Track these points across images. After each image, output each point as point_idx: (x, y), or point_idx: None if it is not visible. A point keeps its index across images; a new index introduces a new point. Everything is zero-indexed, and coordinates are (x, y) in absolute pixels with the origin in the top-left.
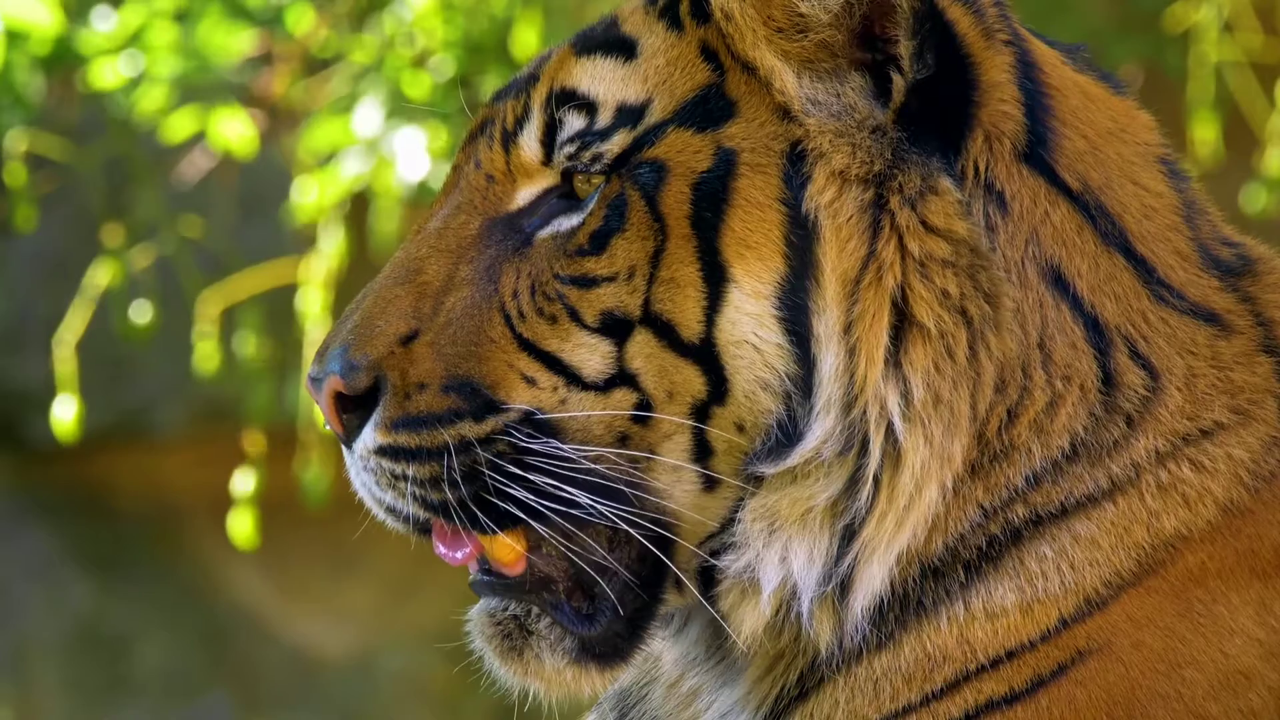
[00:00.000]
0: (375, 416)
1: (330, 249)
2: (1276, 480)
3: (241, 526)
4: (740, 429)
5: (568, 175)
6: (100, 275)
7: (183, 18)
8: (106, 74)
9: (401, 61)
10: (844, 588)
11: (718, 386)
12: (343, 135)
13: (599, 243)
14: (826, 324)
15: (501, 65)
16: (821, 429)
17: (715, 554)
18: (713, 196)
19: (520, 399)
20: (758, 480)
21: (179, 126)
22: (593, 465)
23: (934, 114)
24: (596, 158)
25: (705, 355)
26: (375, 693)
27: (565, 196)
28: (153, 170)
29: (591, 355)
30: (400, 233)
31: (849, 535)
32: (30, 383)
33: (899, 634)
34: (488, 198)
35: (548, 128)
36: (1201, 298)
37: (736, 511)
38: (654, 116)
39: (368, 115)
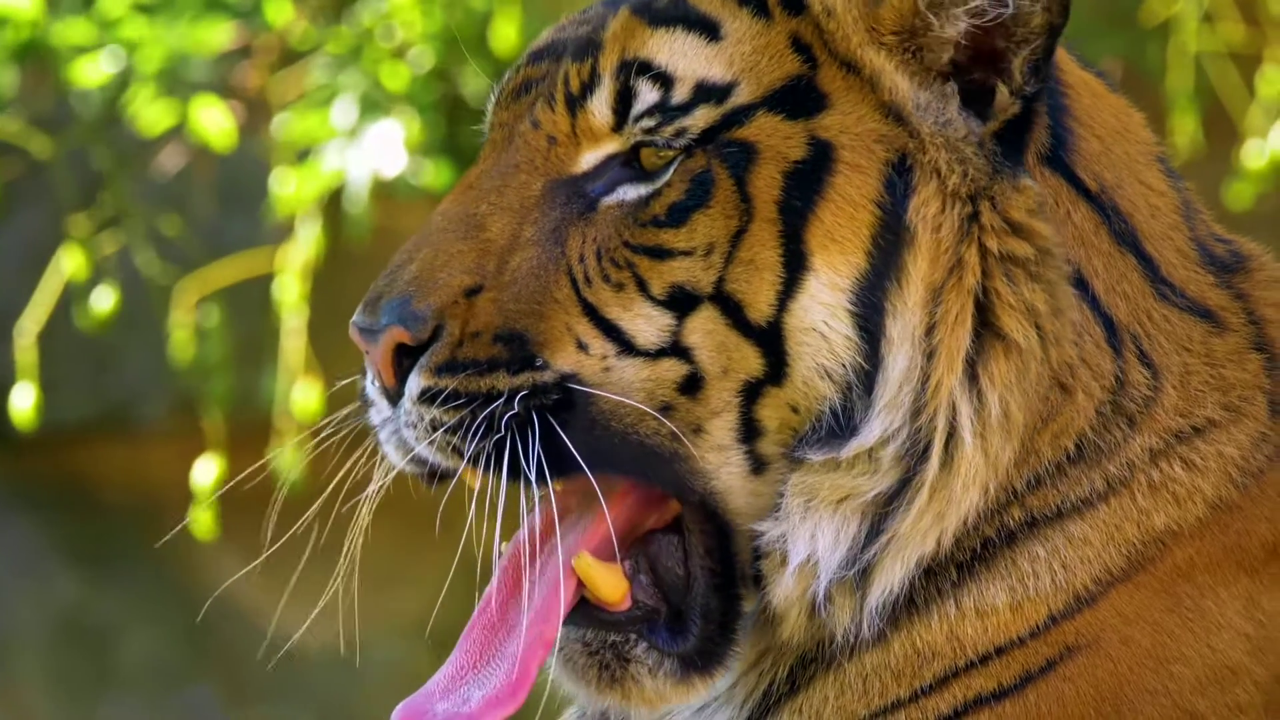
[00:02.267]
0: (422, 361)
1: (308, 240)
2: (1265, 476)
3: (201, 519)
4: (794, 410)
5: (637, 146)
6: (65, 264)
7: (160, 11)
8: (89, 71)
9: (380, 54)
10: (864, 575)
11: (776, 369)
12: (321, 128)
13: (678, 216)
14: (902, 326)
15: (480, 58)
16: (880, 427)
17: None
18: (805, 186)
19: (565, 363)
20: (801, 463)
21: (157, 119)
22: (631, 429)
23: (1011, 123)
24: (680, 132)
25: (769, 338)
26: (360, 684)
27: (629, 165)
28: (132, 162)
29: (649, 326)
30: (374, 223)
31: (879, 527)
32: (10, 374)
33: (889, 632)
34: (549, 159)
35: (620, 96)
36: (1198, 294)
37: (782, 496)
38: (741, 99)
39: (346, 109)
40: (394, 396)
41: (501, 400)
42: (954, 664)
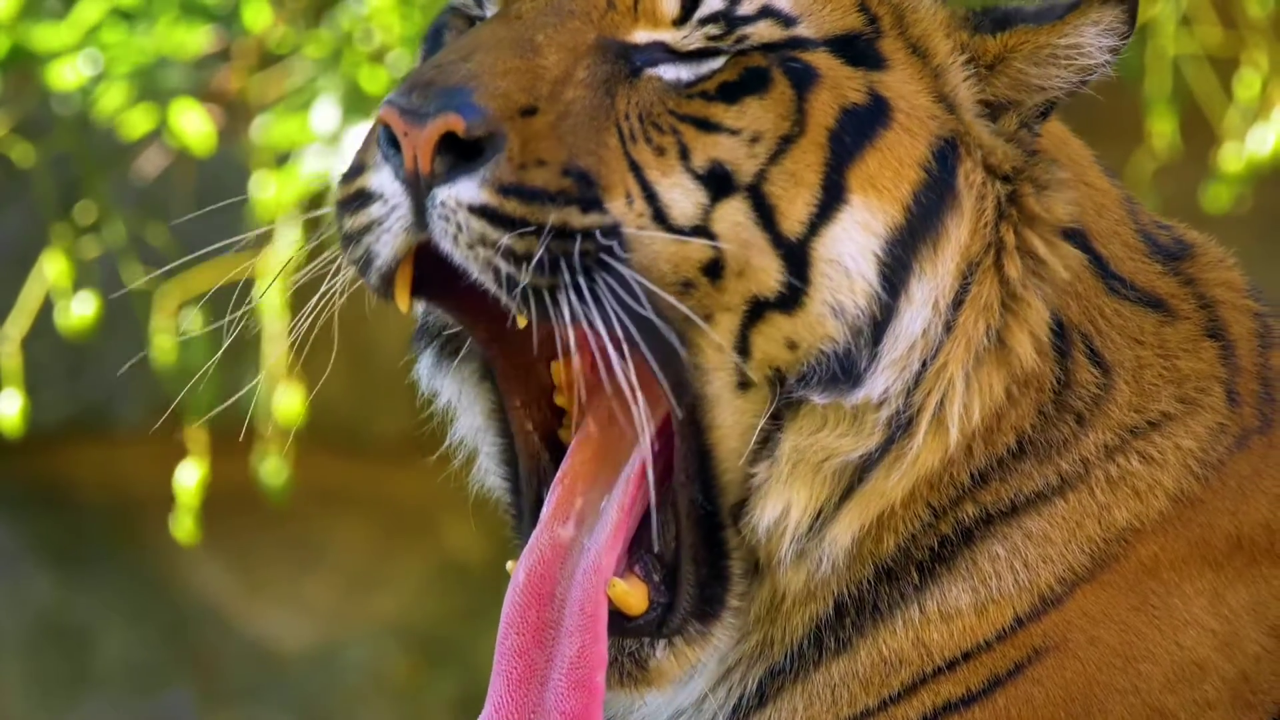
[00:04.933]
0: (483, 173)
1: (287, 245)
2: (1225, 468)
3: (184, 523)
4: (791, 346)
5: (698, 52)
6: (49, 269)
7: (138, 16)
8: (66, 75)
9: (359, 57)
10: (821, 537)
11: (793, 293)
12: (300, 132)
13: (730, 94)
14: (928, 290)
15: None
16: (883, 383)
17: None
18: (858, 128)
19: (617, 211)
20: (792, 406)
21: (136, 123)
22: (655, 297)
23: None
24: (740, 39)
25: (795, 257)
26: (336, 685)
27: (676, 53)
28: (111, 166)
29: (685, 199)
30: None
31: (850, 490)
32: None
33: (855, 640)
34: (605, 19)
35: None
36: (1148, 284)
37: (763, 447)
38: (803, 32)
39: (325, 112)
40: (425, 186)
41: (572, 239)
42: (921, 671)
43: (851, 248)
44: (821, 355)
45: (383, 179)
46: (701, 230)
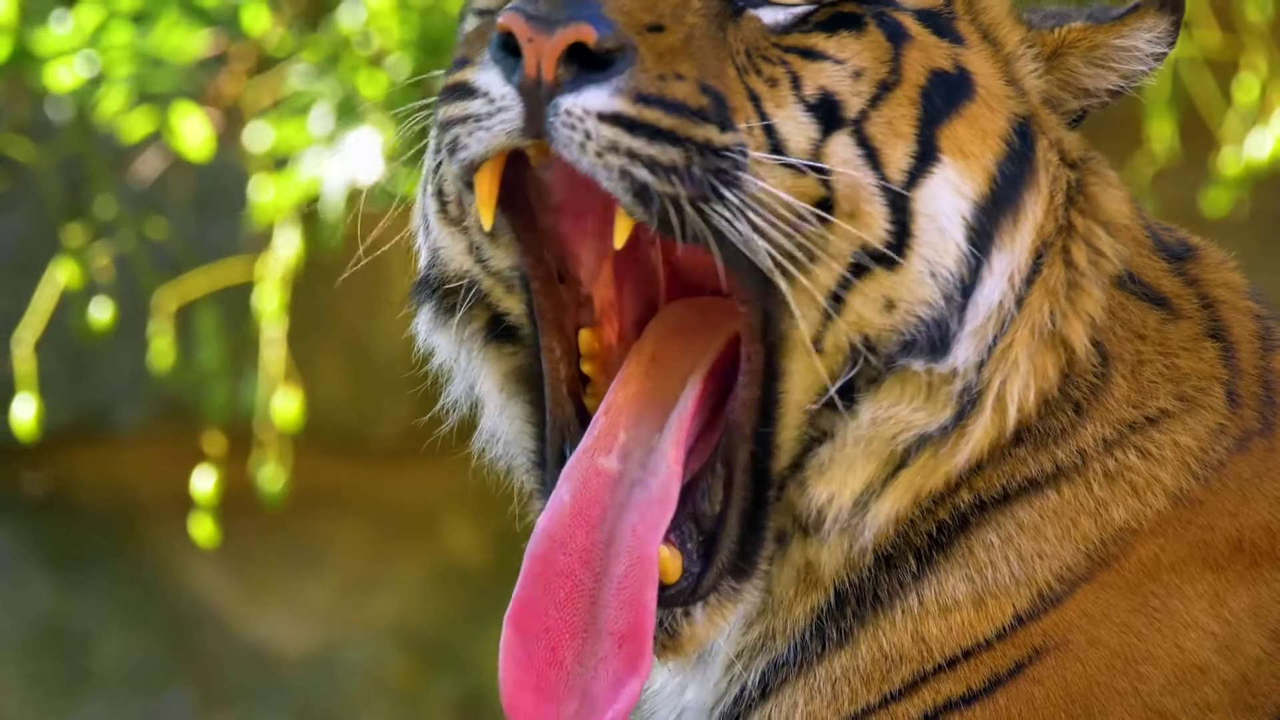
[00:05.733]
0: (616, 83)
1: (287, 247)
2: (1226, 469)
3: (203, 527)
4: (889, 307)
5: None
6: (60, 275)
7: (139, 19)
8: (63, 76)
9: (358, 61)
10: (867, 509)
11: (897, 246)
12: (299, 136)
13: (830, 27)
14: (1006, 263)
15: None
16: (964, 354)
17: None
18: (946, 93)
19: (744, 136)
20: (873, 375)
21: (136, 126)
22: (768, 229)
23: None
24: None
25: (898, 206)
26: (336, 688)
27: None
28: (110, 169)
29: (798, 132)
30: (349, 231)
31: (901, 465)
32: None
33: (856, 630)
34: None
35: None
36: (1154, 281)
37: (831, 413)
38: None
39: (323, 117)
40: (546, 94)
41: (712, 155)
42: (922, 668)
43: (946, 205)
44: (919, 321)
45: (489, 78)
46: (815, 166)
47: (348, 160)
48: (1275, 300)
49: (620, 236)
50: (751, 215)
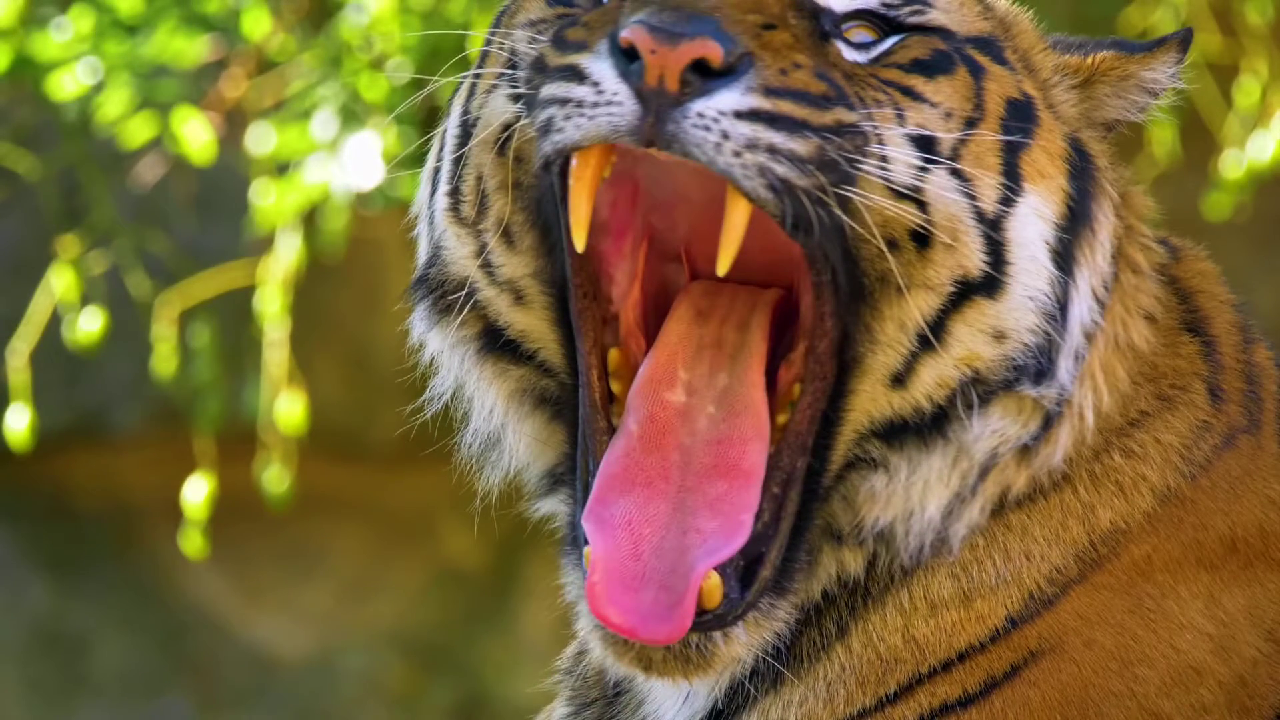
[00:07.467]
0: (745, 83)
1: (288, 252)
2: (1214, 467)
3: (192, 537)
4: (999, 337)
5: (882, 11)
6: (56, 283)
7: (139, 28)
8: (66, 84)
9: (359, 65)
10: (957, 520)
11: (995, 273)
12: (301, 141)
13: (923, 69)
14: (1087, 277)
15: (459, 68)
16: (1065, 373)
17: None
18: (1020, 120)
19: (871, 109)
20: (970, 403)
21: (136, 131)
22: (868, 237)
23: None
24: (918, 11)
25: (993, 238)
26: (334, 692)
27: (860, 20)
28: (109, 174)
29: (899, 153)
30: (348, 233)
31: (982, 476)
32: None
33: (850, 624)
34: None
35: None
36: None
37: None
38: (954, 28)
39: (325, 121)
40: (671, 103)
41: (847, 132)
42: (917, 671)
43: (1033, 233)
44: (1025, 347)
45: (603, 69)
46: (915, 191)
47: (348, 165)
48: (1275, 301)
49: (724, 262)
50: (848, 216)
